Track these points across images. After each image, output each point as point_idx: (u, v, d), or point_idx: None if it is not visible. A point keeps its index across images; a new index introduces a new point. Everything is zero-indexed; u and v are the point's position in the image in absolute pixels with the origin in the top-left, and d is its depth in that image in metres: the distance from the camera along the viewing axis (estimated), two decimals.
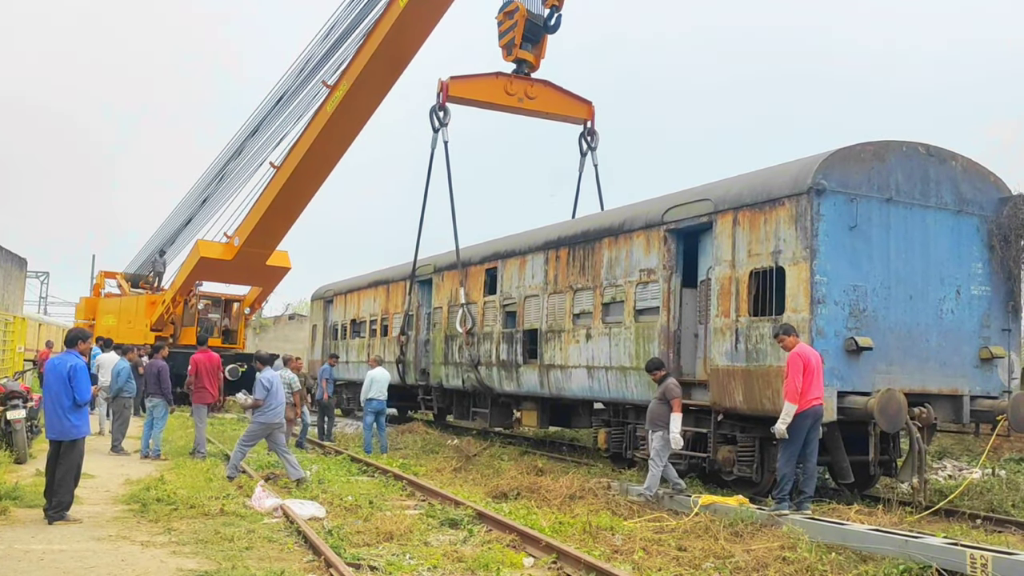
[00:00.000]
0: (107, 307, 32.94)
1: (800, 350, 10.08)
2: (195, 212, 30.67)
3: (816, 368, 10.04)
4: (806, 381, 9.89)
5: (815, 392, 10.00)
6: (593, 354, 14.69)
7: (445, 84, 19.05)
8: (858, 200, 11.07)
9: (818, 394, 10.05)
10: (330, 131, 22.33)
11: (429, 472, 14.56)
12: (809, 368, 9.94)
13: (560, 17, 18.89)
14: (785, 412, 9.94)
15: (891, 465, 12.36)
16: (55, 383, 9.21)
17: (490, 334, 18.20)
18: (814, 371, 10.00)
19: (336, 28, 22.47)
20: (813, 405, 9.98)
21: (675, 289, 13.11)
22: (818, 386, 10.06)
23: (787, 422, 9.93)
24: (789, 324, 10.59)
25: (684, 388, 12.97)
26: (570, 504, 11.18)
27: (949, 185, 11.87)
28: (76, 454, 9.31)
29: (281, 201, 24.95)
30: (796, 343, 10.18)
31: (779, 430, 10.00)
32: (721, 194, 12.45)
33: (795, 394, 9.87)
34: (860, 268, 11.06)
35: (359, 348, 25.70)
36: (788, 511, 9.87)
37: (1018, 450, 17.45)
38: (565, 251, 15.83)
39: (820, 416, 10.12)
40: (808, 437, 10.09)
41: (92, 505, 10.27)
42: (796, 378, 9.86)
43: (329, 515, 10.10)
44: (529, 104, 19.54)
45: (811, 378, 9.95)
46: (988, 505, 11.87)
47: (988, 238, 12.05)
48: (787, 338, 10.21)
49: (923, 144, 11.83)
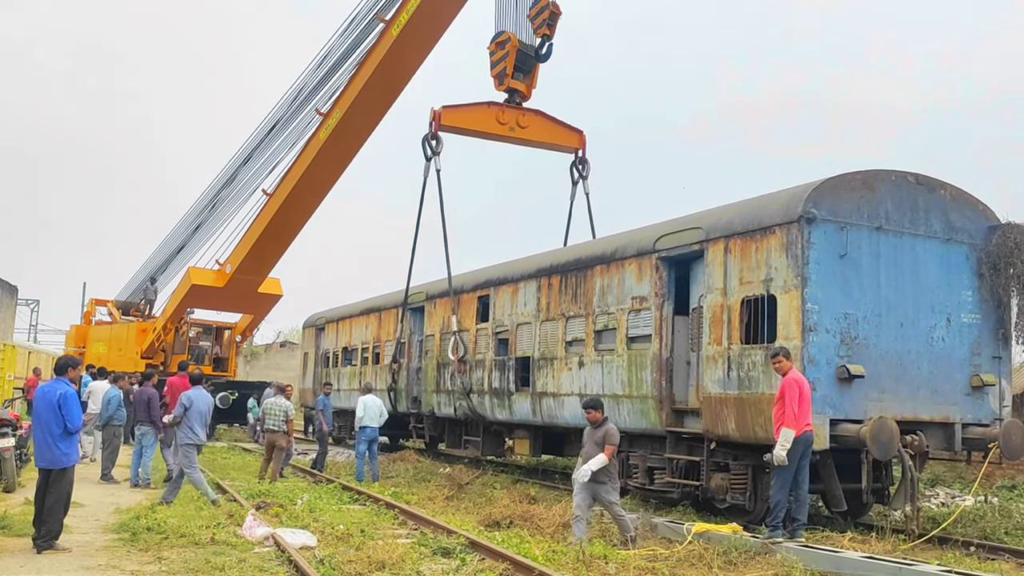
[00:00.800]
0: (97, 335, 32.81)
1: (796, 375, 10.12)
2: (187, 240, 30.69)
3: (808, 394, 10.07)
4: (801, 407, 9.92)
5: (808, 418, 10.03)
6: (586, 382, 14.69)
7: (437, 113, 19.19)
8: (848, 228, 11.17)
9: (809, 420, 10.07)
10: (323, 158, 22.46)
11: (421, 500, 14.47)
12: (804, 394, 9.97)
13: (551, 46, 19.08)
14: (784, 438, 9.89)
15: (884, 493, 12.36)
16: (45, 411, 9.15)
17: (482, 362, 18.18)
18: (807, 397, 10.03)
19: (329, 57, 22.70)
20: (805, 431, 10.00)
21: (667, 317, 13.15)
22: (809, 412, 10.08)
23: (787, 447, 9.89)
24: (786, 347, 10.61)
25: (677, 416, 13.02)
26: (563, 532, 11.13)
27: (938, 213, 11.98)
28: (66, 482, 9.24)
29: (273, 228, 25.01)
30: (791, 367, 10.20)
31: (779, 456, 9.95)
32: (712, 222, 12.54)
33: (794, 419, 9.86)
34: (851, 296, 11.13)
35: (351, 376, 25.63)
36: (782, 539, 9.85)
37: (1010, 477, 17.46)
38: (557, 279, 15.88)
39: (811, 443, 10.14)
40: (800, 464, 10.09)
41: (82, 534, 10.18)
42: (794, 403, 9.85)
43: (320, 544, 10.01)
44: (521, 133, 19.69)
45: (805, 404, 9.98)
46: (981, 532, 11.87)
47: (977, 266, 12.15)
48: (785, 361, 10.20)
49: (912, 173, 11.95)
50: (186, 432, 12.78)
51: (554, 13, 18.63)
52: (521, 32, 19.03)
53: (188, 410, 12.79)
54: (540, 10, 18.67)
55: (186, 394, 12.99)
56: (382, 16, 20.06)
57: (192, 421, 12.82)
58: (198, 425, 12.89)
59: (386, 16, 19.93)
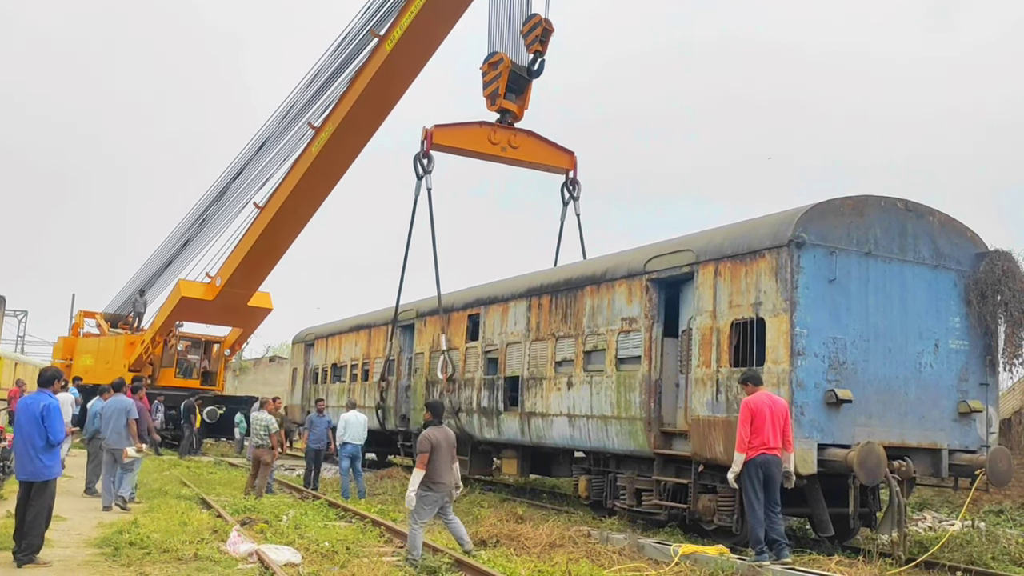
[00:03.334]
0: (85, 347, 32.67)
1: (751, 399, 10.25)
2: (176, 253, 30.67)
3: (769, 416, 10.09)
4: (752, 429, 10.04)
5: (760, 440, 10.08)
6: (574, 402, 14.67)
7: (429, 132, 19.25)
8: (837, 253, 11.22)
9: (765, 441, 10.09)
10: (315, 172, 22.54)
11: (407, 518, 14.36)
12: (758, 416, 10.04)
13: (544, 63, 19.21)
14: (735, 462, 10.16)
15: (871, 517, 12.36)
16: (27, 423, 9.07)
17: (471, 380, 18.14)
18: (765, 419, 10.08)
19: (320, 75, 22.82)
20: (761, 453, 10.07)
21: (656, 338, 13.16)
22: (768, 434, 10.09)
23: (736, 471, 10.14)
24: (756, 373, 10.64)
25: (665, 438, 13.01)
26: (550, 552, 11.08)
27: (927, 240, 12.05)
28: (47, 496, 9.16)
29: (264, 242, 25.03)
30: (755, 391, 10.29)
31: (730, 479, 10.27)
32: (703, 245, 12.58)
33: (743, 444, 10.07)
34: (839, 321, 11.16)
35: (339, 392, 25.52)
36: (768, 561, 9.83)
37: (997, 502, 17.48)
38: (548, 298, 15.89)
39: (768, 464, 10.11)
40: (764, 485, 10.12)
41: (63, 548, 10.08)
42: (742, 427, 10.09)
43: (305, 561, 9.95)
44: (512, 153, 19.76)
45: (759, 425, 10.06)
46: (968, 558, 11.85)
47: (965, 293, 12.21)
48: (746, 386, 10.41)
49: (901, 199, 12.03)
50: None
51: (546, 30, 18.77)
52: (514, 53, 19.15)
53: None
54: (532, 27, 18.81)
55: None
56: (376, 31, 20.19)
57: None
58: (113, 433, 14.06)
59: (380, 31, 20.06)
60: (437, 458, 10.34)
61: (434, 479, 10.35)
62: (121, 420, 14.02)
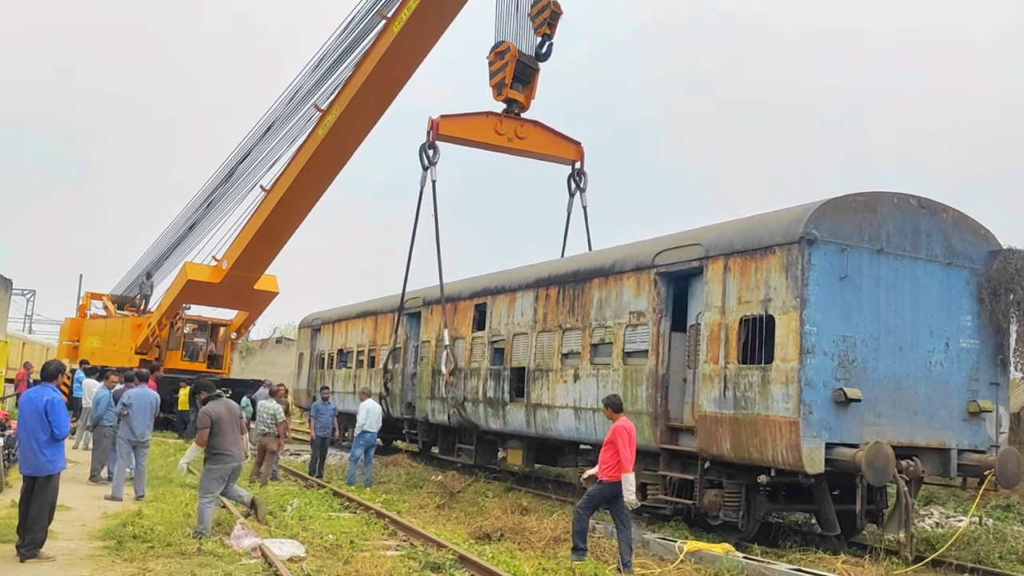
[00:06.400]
0: (92, 328, 32.70)
1: (627, 423, 10.32)
2: (183, 236, 30.58)
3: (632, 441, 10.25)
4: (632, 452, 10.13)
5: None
6: (580, 395, 14.60)
7: (435, 122, 19.10)
8: (849, 250, 11.08)
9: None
10: (321, 155, 22.42)
11: (412, 508, 14.38)
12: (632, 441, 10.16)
13: (552, 46, 19.02)
14: (628, 482, 10.01)
15: (878, 514, 12.29)
16: (31, 417, 9.02)
17: (477, 370, 18.08)
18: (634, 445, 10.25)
19: (327, 58, 22.63)
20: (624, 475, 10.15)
21: (664, 333, 13.05)
22: None
23: (632, 491, 10.07)
24: (618, 399, 10.75)
25: (671, 433, 12.93)
26: (554, 547, 11.06)
27: (940, 237, 11.89)
28: (51, 490, 9.12)
29: (271, 224, 24.94)
30: (619, 416, 10.41)
31: (631, 502, 10.14)
32: (712, 239, 12.44)
33: (630, 464, 10.04)
34: (850, 319, 11.04)
35: (345, 379, 25.53)
36: (583, 561, 9.96)
37: (1005, 496, 17.39)
38: (555, 290, 15.78)
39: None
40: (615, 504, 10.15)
41: (67, 540, 10.06)
42: (626, 448, 10.03)
43: (309, 554, 9.92)
44: (519, 144, 19.62)
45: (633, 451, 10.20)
46: (975, 556, 11.80)
47: (977, 291, 12.07)
48: (612, 412, 10.47)
49: (915, 196, 11.87)
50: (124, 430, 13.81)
51: (555, 12, 18.57)
52: (520, 42, 18.95)
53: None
54: (541, 9, 18.61)
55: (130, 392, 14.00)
56: (384, 13, 20.00)
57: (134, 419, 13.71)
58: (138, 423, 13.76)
59: (388, 13, 19.86)
60: (220, 432, 10.63)
61: (220, 451, 10.66)
62: (149, 413, 13.86)
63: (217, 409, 10.71)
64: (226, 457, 10.70)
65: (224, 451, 10.66)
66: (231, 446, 10.75)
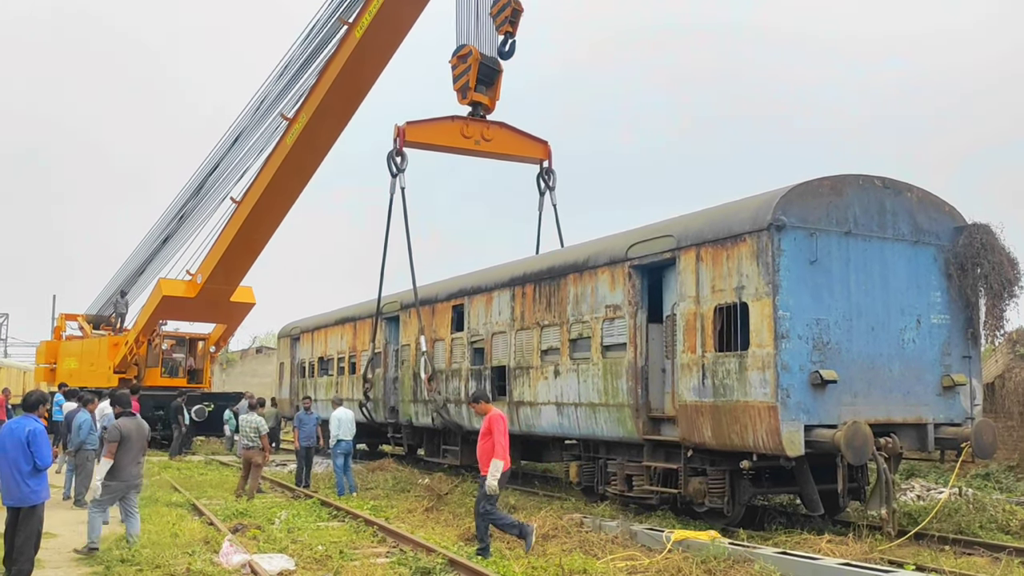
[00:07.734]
0: (69, 350, 32.44)
1: (500, 413, 10.76)
2: (156, 251, 30.36)
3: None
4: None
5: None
6: (562, 391, 14.68)
7: (401, 129, 19.10)
8: (818, 234, 11.21)
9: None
10: (290, 163, 22.43)
11: (400, 513, 14.40)
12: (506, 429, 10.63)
13: (514, 44, 19.07)
14: (494, 468, 10.37)
15: (860, 491, 12.47)
16: (13, 448, 8.96)
17: (458, 371, 18.12)
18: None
19: (292, 65, 22.59)
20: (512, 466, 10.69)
21: (641, 325, 13.15)
22: None
23: (496, 477, 10.39)
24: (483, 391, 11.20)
25: (653, 424, 13.05)
26: (543, 544, 11.13)
27: (905, 216, 12.06)
28: (36, 520, 9.07)
29: (243, 236, 24.89)
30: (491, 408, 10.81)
31: (491, 486, 10.43)
32: (683, 230, 12.55)
33: (505, 452, 10.45)
34: (822, 301, 11.18)
35: (327, 386, 25.46)
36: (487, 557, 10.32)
37: (984, 465, 17.69)
38: (531, 287, 15.84)
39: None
40: None
41: (55, 568, 10.01)
42: (502, 438, 10.45)
43: (299, 567, 9.94)
44: (486, 146, 19.67)
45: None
46: (956, 527, 12.01)
47: (945, 267, 12.25)
48: (485, 404, 10.87)
49: (879, 177, 12.02)
50: None
51: (516, 10, 18.60)
52: (483, 44, 18.98)
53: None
54: (501, 8, 18.63)
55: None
56: (344, 19, 19.98)
57: None
58: None
59: (348, 19, 19.85)
60: (126, 450, 10.60)
61: (119, 468, 10.61)
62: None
63: (127, 426, 10.68)
64: (123, 474, 10.67)
65: (122, 469, 10.64)
66: (130, 465, 10.71)
